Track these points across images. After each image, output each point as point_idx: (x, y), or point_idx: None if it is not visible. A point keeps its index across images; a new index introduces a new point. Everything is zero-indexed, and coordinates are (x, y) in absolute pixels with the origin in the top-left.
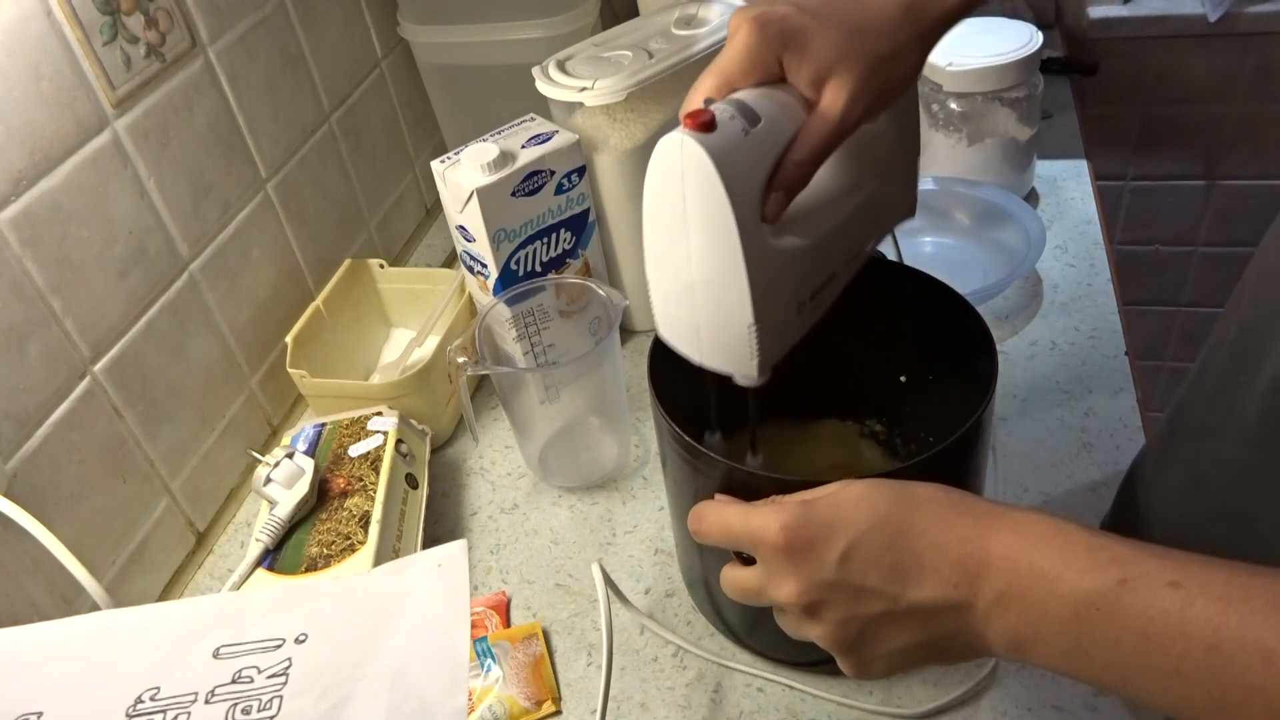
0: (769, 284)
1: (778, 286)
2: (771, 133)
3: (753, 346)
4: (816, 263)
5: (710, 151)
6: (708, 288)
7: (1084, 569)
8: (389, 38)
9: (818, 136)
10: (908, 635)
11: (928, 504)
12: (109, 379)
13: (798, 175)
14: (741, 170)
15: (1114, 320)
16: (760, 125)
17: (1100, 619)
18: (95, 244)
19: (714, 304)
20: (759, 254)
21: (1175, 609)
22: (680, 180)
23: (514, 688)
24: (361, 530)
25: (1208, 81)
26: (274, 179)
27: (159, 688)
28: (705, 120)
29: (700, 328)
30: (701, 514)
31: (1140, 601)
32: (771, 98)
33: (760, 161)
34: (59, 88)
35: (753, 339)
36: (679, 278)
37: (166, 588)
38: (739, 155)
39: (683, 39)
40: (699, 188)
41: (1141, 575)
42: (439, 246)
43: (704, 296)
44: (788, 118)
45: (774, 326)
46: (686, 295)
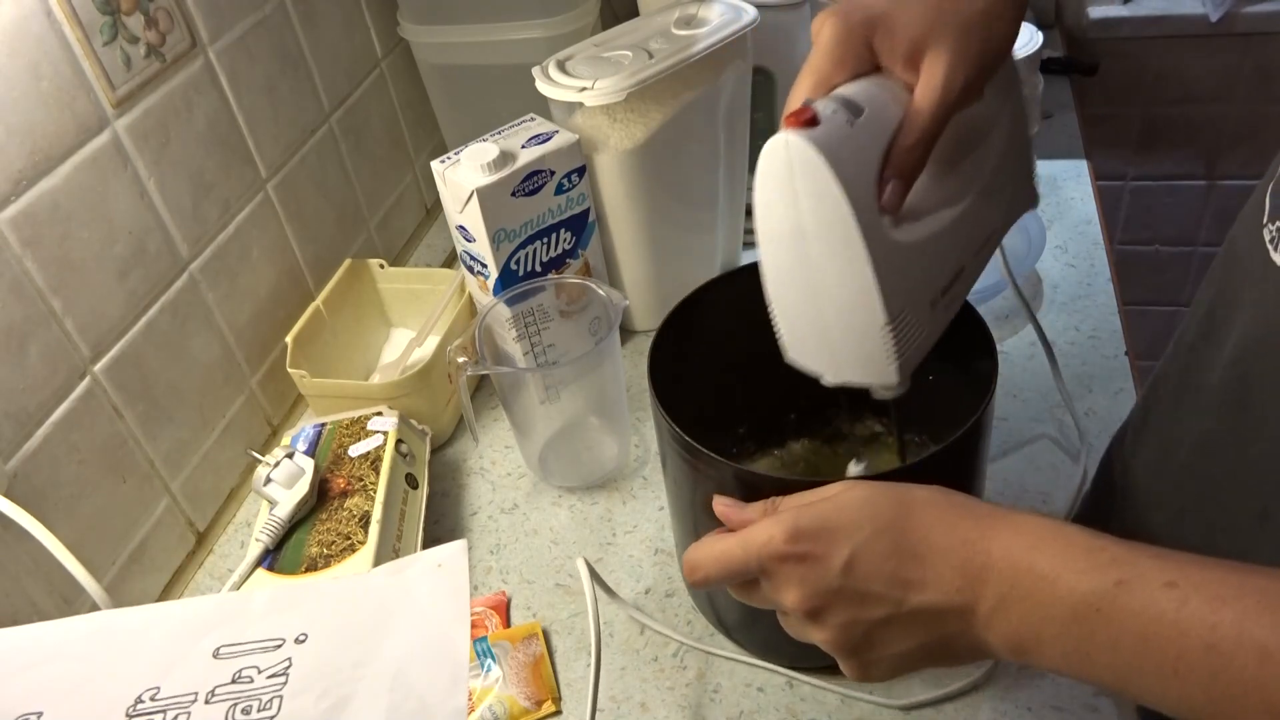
0: (898, 279)
1: (908, 281)
2: (877, 120)
3: (889, 349)
4: (944, 254)
5: (818, 146)
6: (835, 291)
7: (1082, 570)
8: (389, 38)
9: (925, 115)
10: (911, 638)
11: (929, 508)
12: (109, 379)
13: (911, 160)
14: (853, 162)
15: (1114, 320)
16: (865, 115)
17: (1099, 620)
18: (95, 244)
19: (843, 308)
20: (883, 248)
21: (1172, 609)
22: (791, 183)
23: (514, 688)
24: (361, 530)
25: (1208, 81)
26: (274, 179)
27: (159, 688)
28: (808, 117)
29: (832, 338)
30: (696, 561)
31: (1137, 602)
32: (872, 86)
33: (871, 151)
34: (59, 88)
35: (888, 340)
36: (803, 288)
37: (166, 588)
38: (848, 147)
39: (683, 39)
40: (811, 186)
41: (1138, 576)
42: (439, 246)
43: (831, 302)
44: (892, 103)
45: (909, 325)
46: (813, 305)
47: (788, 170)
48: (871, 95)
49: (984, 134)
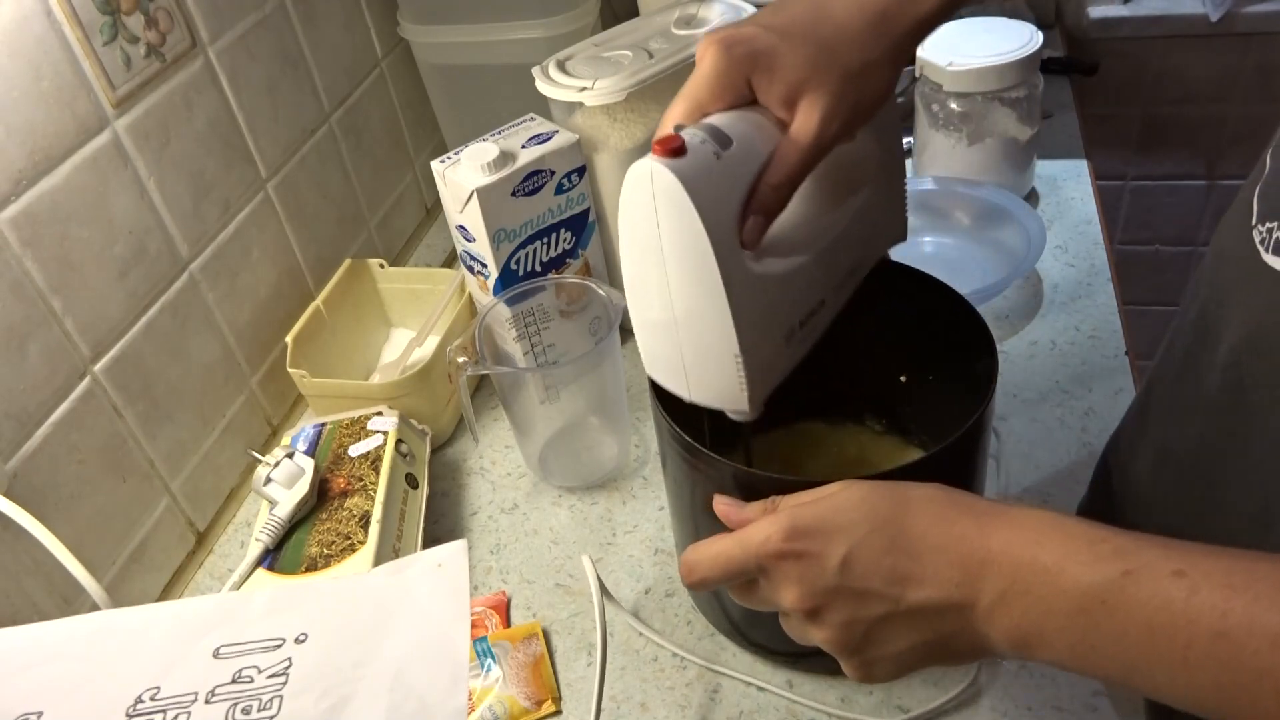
0: (753, 311)
1: (763, 314)
2: (745, 155)
3: (741, 379)
4: (802, 289)
5: (681, 177)
6: (690, 319)
7: (1086, 562)
8: (389, 38)
9: (793, 157)
10: (911, 636)
11: (927, 505)
12: (109, 379)
13: (775, 198)
14: (715, 195)
15: (1114, 320)
16: (733, 148)
17: (1105, 612)
18: (95, 244)
19: (698, 336)
20: (740, 280)
21: (1180, 598)
22: (653, 209)
23: (514, 687)
24: (361, 530)
25: (1208, 81)
26: (274, 179)
27: (159, 688)
28: (675, 146)
29: (687, 363)
30: (693, 563)
31: (1145, 592)
32: (744, 120)
33: (735, 185)
34: (59, 87)
35: (741, 371)
36: (660, 312)
37: (166, 588)
38: (711, 179)
39: (683, 39)
40: (672, 215)
41: (1145, 566)
42: (439, 246)
43: (687, 329)
44: (761, 139)
45: (762, 357)
46: (669, 330)
47: (650, 197)
48: (742, 130)
49: (853, 173)
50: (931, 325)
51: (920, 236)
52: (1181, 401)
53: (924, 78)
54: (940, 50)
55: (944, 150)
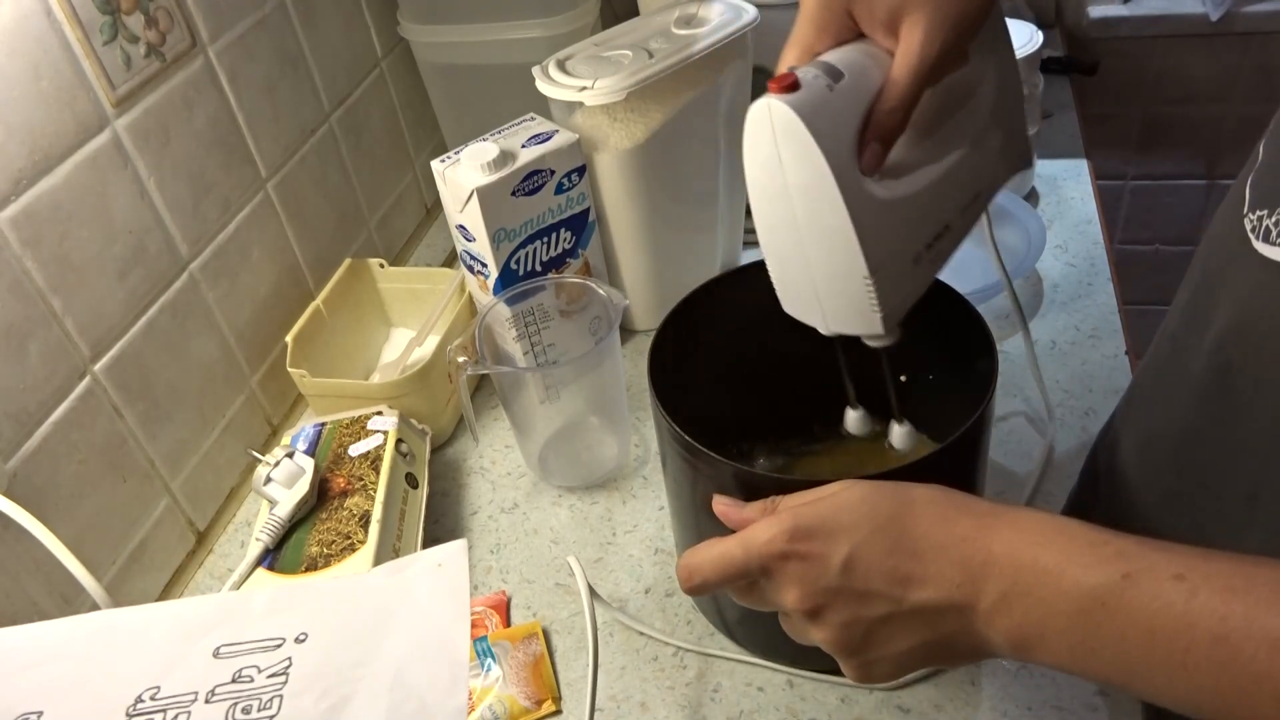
0: (879, 234)
1: (888, 236)
2: (857, 85)
3: (872, 300)
4: (926, 212)
5: (798, 110)
6: (819, 246)
7: (1087, 565)
8: (389, 37)
9: (903, 80)
10: (911, 637)
11: (928, 506)
12: (109, 378)
13: (890, 123)
14: (832, 125)
15: (1114, 320)
16: (844, 80)
17: (1105, 614)
18: (95, 243)
19: (828, 262)
20: (863, 204)
21: (1180, 601)
22: (774, 144)
23: (514, 687)
24: (361, 530)
25: (1208, 81)
26: (274, 178)
27: (159, 687)
28: (789, 82)
29: (820, 291)
30: (693, 567)
31: (1145, 595)
32: (853, 51)
33: (850, 114)
34: (59, 87)
35: (871, 292)
36: (791, 244)
37: (166, 587)
38: (827, 111)
39: (683, 39)
40: (792, 147)
41: (1145, 569)
42: (439, 246)
43: (817, 256)
44: (872, 68)
45: (891, 277)
46: (801, 261)
47: (770, 133)
48: (851, 61)
49: (968, 94)
50: (931, 325)
51: None
52: (1169, 386)
53: None
54: None
55: None
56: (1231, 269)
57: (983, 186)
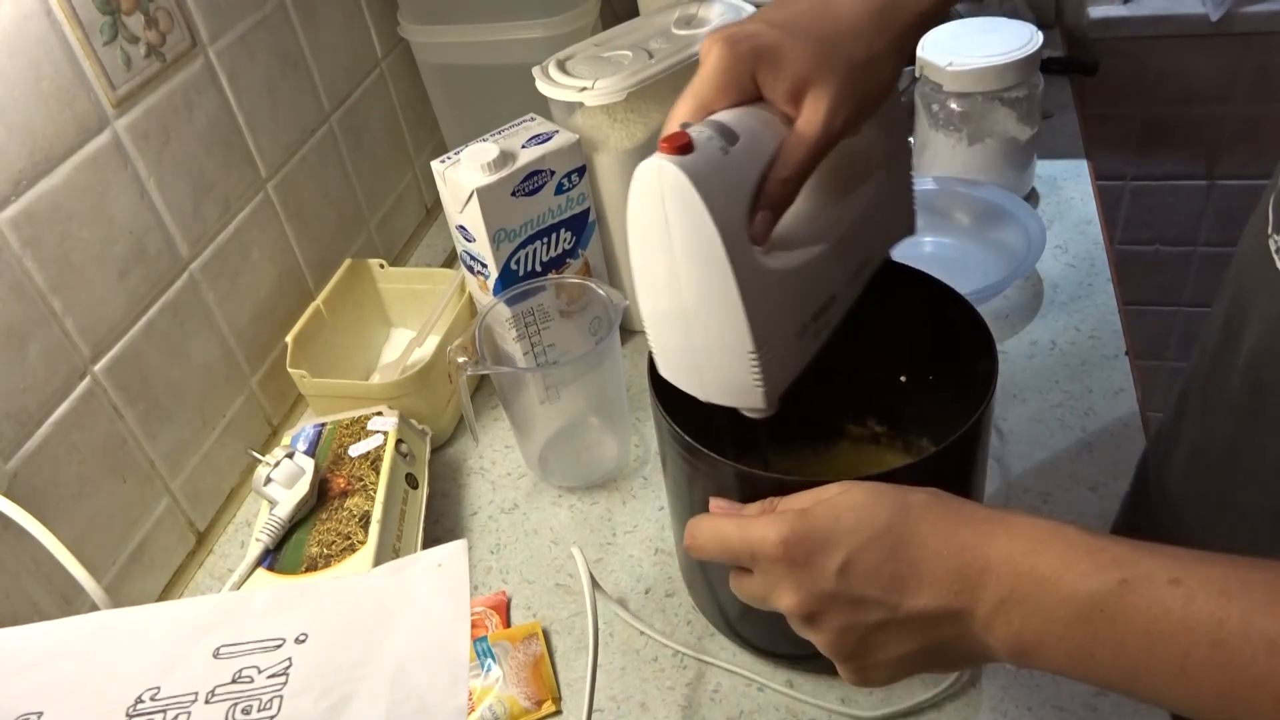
0: (766, 307)
1: (775, 309)
2: (752, 151)
3: (756, 375)
4: (813, 283)
5: (690, 174)
6: (702, 317)
7: (1085, 571)
8: (389, 38)
9: (800, 151)
10: (908, 643)
11: (925, 512)
12: (109, 379)
13: (783, 192)
14: (724, 191)
15: (1114, 320)
16: (740, 144)
17: (1104, 620)
18: (95, 244)
19: (711, 334)
20: (751, 276)
21: (1178, 606)
22: (661, 206)
23: (514, 687)
24: (361, 530)
25: (1208, 81)
26: (274, 179)
27: (159, 688)
28: (682, 143)
29: (700, 362)
30: (695, 530)
31: (1143, 601)
32: (750, 116)
33: (743, 180)
34: (59, 87)
35: (755, 367)
36: (672, 311)
37: (166, 588)
38: (720, 175)
39: (683, 39)
40: (681, 212)
41: (1142, 575)
42: (439, 246)
43: (700, 327)
44: (768, 135)
45: (776, 352)
46: (682, 329)
47: (659, 195)
48: (748, 125)
49: (860, 167)
50: (931, 325)
51: (920, 236)
52: (1209, 401)
53: (924, 78)
54: (940, 50)
55: (944, 150)
56: (1259, 288)
57: (869, 255)
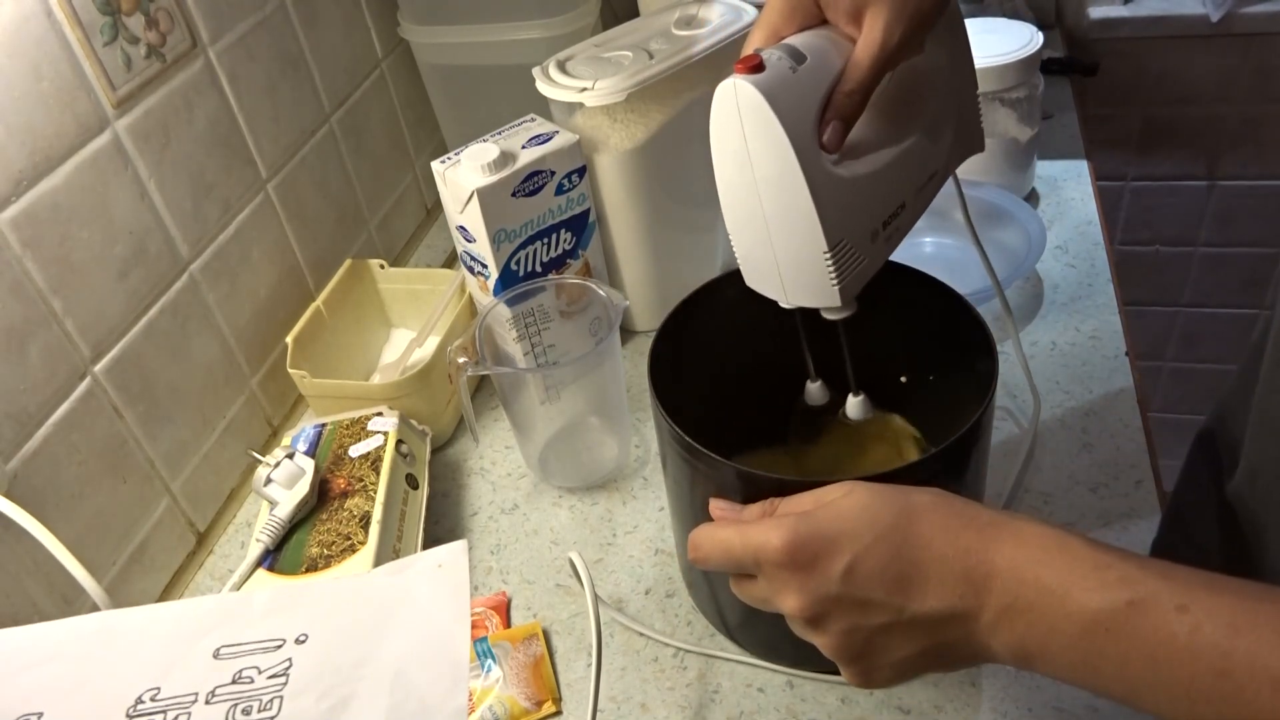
0: (838, 211)
1: (847, 213)
2: (819, 68)
3: (831, 274)
4: (884, 190)
5: (762, 89)
6: (780, 221)
7: (1091, 588)
8: (389, 38)
9: (863, 65)
10: (912, 645)
11: (930, 514)
12: (109, 379)
13: (849, 104)
14: (794, 104)
15: (1114, 320)
16: (807, 62)
17: (1109, 638)
18: (95, 244)
19: (788, 237)
20: (823, 182)
21: (1183, 634)
22: (739, 122)
23: (514, 688)
24: (362, 530)
25: (1208, 82)
26: (274, 179)
27: (159, 688)
28: (754, 63)
29: (780, 265)
30: (698, 541)
31: (1148, 625)
32: (816, 37)
33: (811, 94)
34: (59, 88)
35: (830, 266)
36: (754, 219)
37: (167, 588)
38: (789, 90)
39: (683, 39)
40: (756, 126)
41: (1149, 597)
42: (439, 247)
43: (778, 231)
44: (834, 53)
45: (850, 253)
46: (764, 235)
47: (736, 112)
48: (815, 46)
49: (924, 81)
50: (931, 325)
51: (920, 236)
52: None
53: None
54: None
55: None
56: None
57: (937, 168)
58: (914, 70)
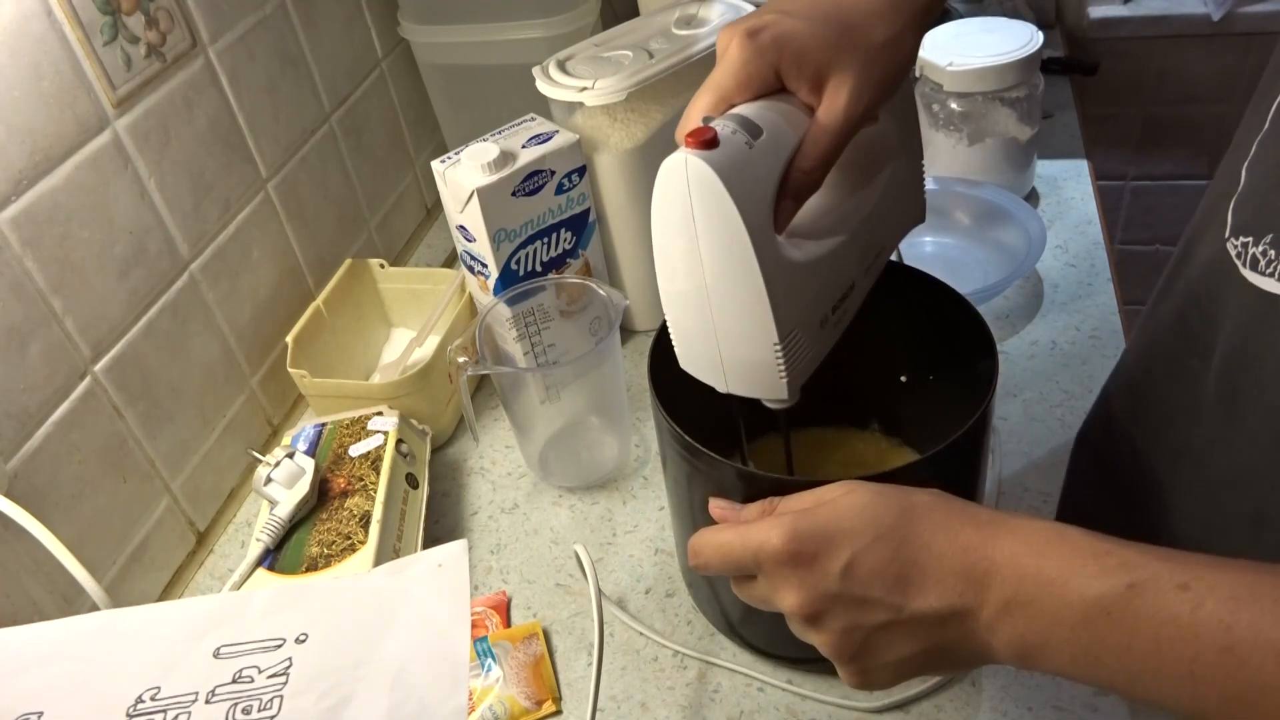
0: (790, 298)
1: (799, 300)
2: (775, 143)
3: (780, 366)
4: (834, 272)
5: (717, 169)
6: (727, 310)
7: (1091, 574)
8: (389, 38)
9: (824, 139)
10: (911, 644)
11: (930, 512)
12: (109, 379)
13: (806, 182)
14: (750, 185)
15: (1114, 320)
16: (763, 137)
17: (1110, 624)
18: (96, 244)
19: (735, 326)
20: (777, 269)
21: (1186, 611)
22: (687, 202)
23: (514, 688)
24: (362, 530)
25: (1209, 81)
26: (274, 179)
27: (159, 688)
28: (708, 138)
29: (723, 354)
30: (698, 547)
31: (1150, 606)
32: (772, 108)
33: (768, 173)
34: (59, 88)
35: (779, 358)
36: (696, 305)
37: (167, 588)
38: (745, 169)
39: (683, 39)
40: (708, 207)
41: (1150, 579)
42: (439, 246)
43: (724, 320)
44: (791, 126)
45: (800, 343)
46: (706, 322)
47: (685, 190)
48: (771, 117)
49: (877, 154)
50: (931, 325)
51: (920, 236)
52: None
53: (924, 78)
54: (940, 50)
55: (944, 150)
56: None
57: (884, 243)
58: (867, 142)
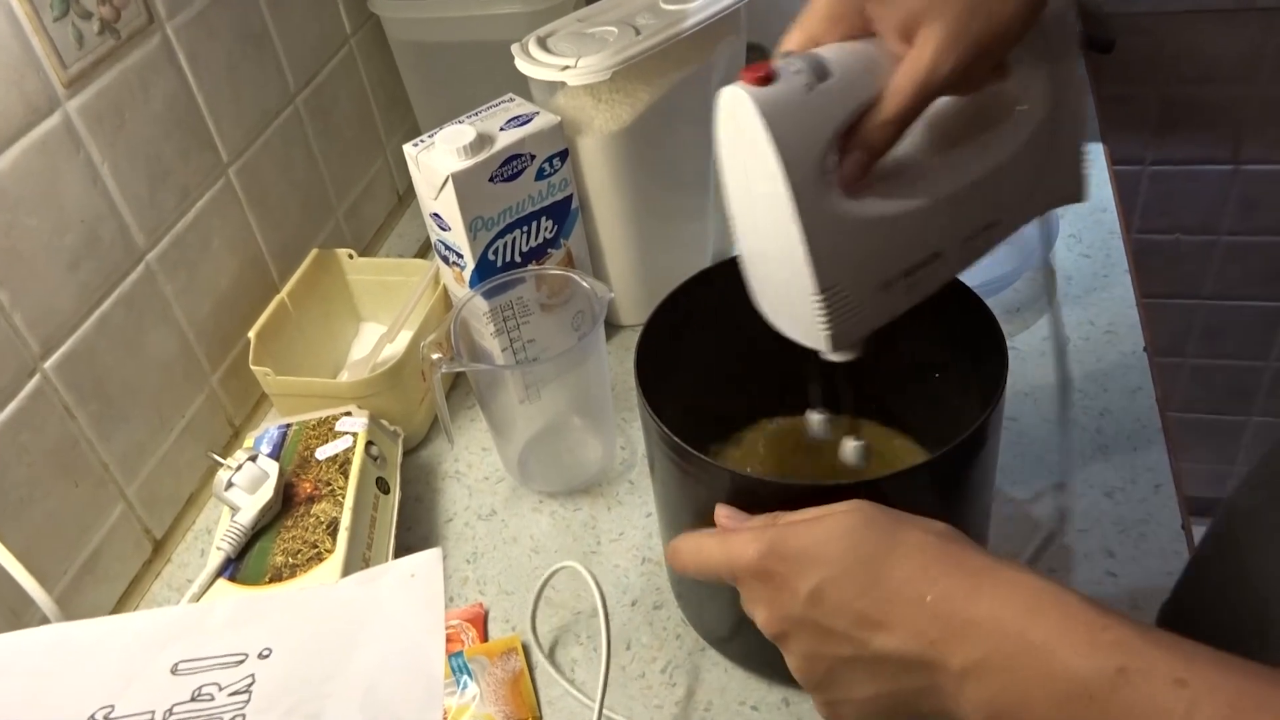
0: (836, 253)
1: (850, 257)
2: (845, 89)
3: (820, 318)
4: (912, 235)
5: (761, 106)
6: (772, 249)
7: (1081, 650)
8: (358, 13)
9: (902, 94)
10: (874, 685)
11: (916, 553)
12: (60, 377)
13: (879, 135)
14: (798, 128)
15: (1132, 314)
16: (831, 80)
17: (1093, 708)
18: (45, 233)
19: (780, 270)
20: (821, 219)
21: (1179, 710)
22: (738, 135)
23: (492, 706)
24: (329, 538)
25: (1231, 60)
26: (236, 164)
27: (114, 706)
28: (762, 74)
29: (774, 295)
30: (678, 546)
31: (1139, 696)
32: (853, 52)
33: (827, 119)
34: (6, 66)
35: (819, 310)
36: (752, 238)
37: (121, 599)
38: (797, 111)
39: (671, 14)
40: (753, 144)
41: (1145, 666)
42: (412, 236)
43: (772, 257)
44: (870, 73)
45: (847, 301)
46: (761, 254)
47: (734, 125)
48: (848, 62)
49: (1004, 112)
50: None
51: None
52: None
53: None
54: None
55: None
56: None
57: (1002, 216)
58: (994, 97)
